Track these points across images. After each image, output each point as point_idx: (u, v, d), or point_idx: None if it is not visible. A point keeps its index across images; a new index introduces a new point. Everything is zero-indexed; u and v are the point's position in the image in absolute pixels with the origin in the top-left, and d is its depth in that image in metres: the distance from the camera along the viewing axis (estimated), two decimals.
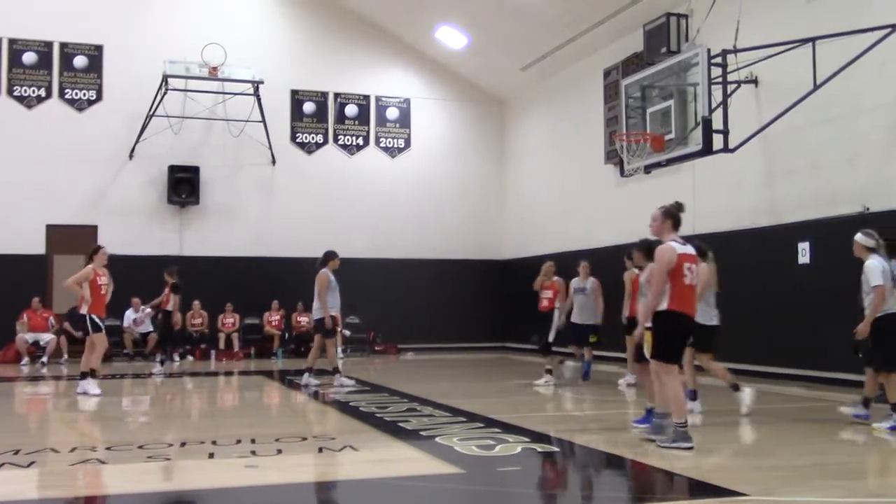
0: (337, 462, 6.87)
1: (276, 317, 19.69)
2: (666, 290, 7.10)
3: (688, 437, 7.03)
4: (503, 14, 18.61)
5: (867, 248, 8.39)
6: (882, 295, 8.11)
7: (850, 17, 11.60)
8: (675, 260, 7.12)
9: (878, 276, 8.10)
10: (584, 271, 13.42)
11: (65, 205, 18.94)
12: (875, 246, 8.38)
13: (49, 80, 19.40)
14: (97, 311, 11.67)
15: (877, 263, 8.20)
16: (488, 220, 22.45)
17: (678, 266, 7.12)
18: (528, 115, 21.87)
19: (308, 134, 21.25)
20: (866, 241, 8.44)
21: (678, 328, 7.22)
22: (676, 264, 7.12)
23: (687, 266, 7.16)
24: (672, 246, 7.20)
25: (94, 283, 11.62)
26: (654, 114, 12.40)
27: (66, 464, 6.69)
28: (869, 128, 11.78)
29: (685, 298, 7.16)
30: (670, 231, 7.37)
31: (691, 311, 7.27)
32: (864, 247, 8.41)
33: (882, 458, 7.02)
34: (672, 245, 7.22)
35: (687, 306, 7.19)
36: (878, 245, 8.40)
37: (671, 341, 7.24)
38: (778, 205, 13.42)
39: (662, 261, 7.13)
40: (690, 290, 7.21)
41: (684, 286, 7.14)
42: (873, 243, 8.40)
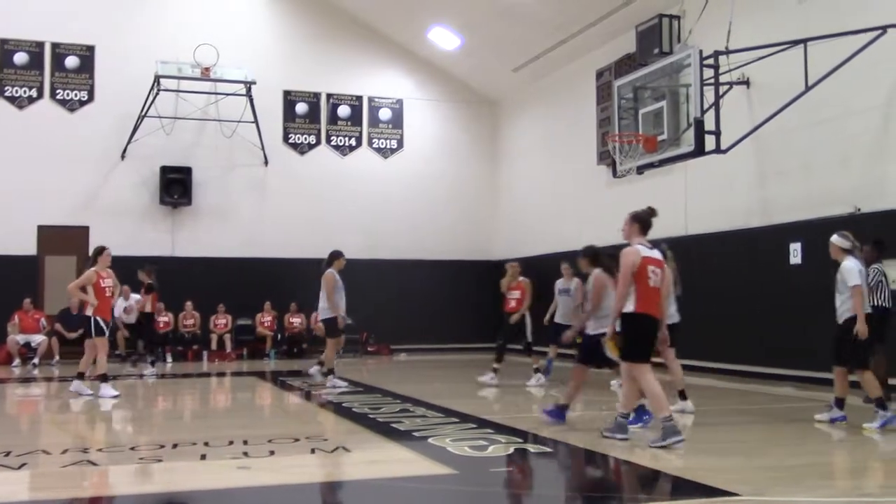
0: (329, 463, 6.86)
1: (268, 318, 19.66)
2: (631, 292, 7.33)
3: (677, 430, 7.16)
4: (496, 15, 18.62)
5: (843, 249, 8.55)
6: (861, 293, 8.27)
7: (842, 19, 11.64)
8: (640, 262, 7.35)
9: (856, 276, 8.27)
10: (567, 272, 13.38)
11: (56, 205, 18.87)
12: (850, 247, 8.54)
13: (40, 80, 19.34)
14: (102, 314, 11.55)
15: (852, 265, 8.36)
16: (481, 221, 22.46)
17: (642, 268, 7.36)
18: (520, 116, 21.89)
19: (300, 135, 21.23)
20: (842, 242, 8.59)
21: (644, 329, 7.44)
22: (640, 267, 7.35)
23: (651, 269, 7.41)
24: (637, 249, 7.44)
25: (98, 285, 11.49)
26: (647, 115, 12.41)
27: (57, 465, 6.66)
28: (860, 129, 11.83)
29: (650, 300, 7.39)
30: (638, 235, 7.63)
31: (656, 312, 7.49)
32: (840, 248, 8.57)
33: (874, 458, 7.05)
34: (637, 248, 7.45)
35: (652, 308, 7.42)
36: (853, 247, 8.55)
37: (638, 342, 7.43)
38: (770, 205, 13.46)
39: (627, 263, 7.36)
40: (655, 292, 7.43)
41: (649, 288, 7.38)
42: (849, 245, 8.56)
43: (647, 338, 7.51)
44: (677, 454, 6.97)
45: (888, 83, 11.39)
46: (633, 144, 12.44)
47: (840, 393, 8.64)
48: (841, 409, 8.59)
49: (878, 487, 5.84)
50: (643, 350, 7.50)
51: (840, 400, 8.64)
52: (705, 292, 14.44)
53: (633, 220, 7.71)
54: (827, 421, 8.60)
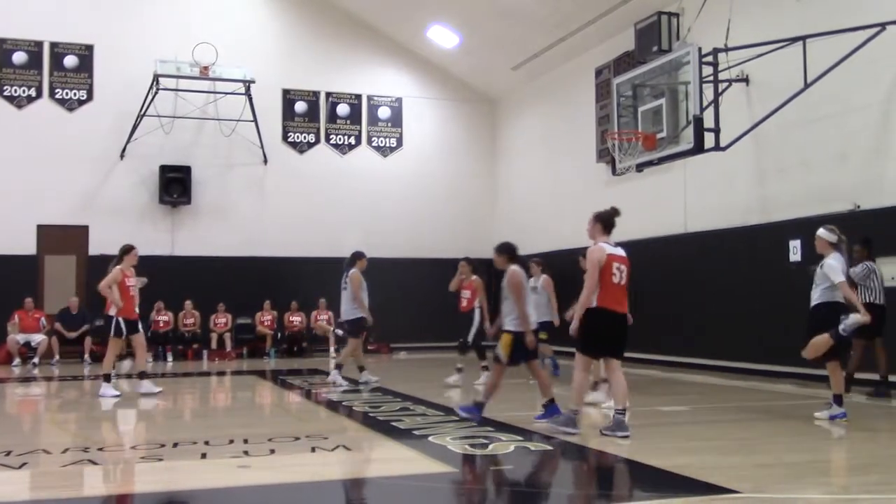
0: (330, 462, 6.86)
1: (268, 317, 19.65)
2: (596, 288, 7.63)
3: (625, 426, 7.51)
4: (495, 13, 18.62)
5: (830, 243, 8.63)
6: (847, 287, 8.39)
7: (841, 16, 11.64)
8: (605, 259, 7.66)
9: (839, 273, 8.37)
10: (536, 269, 13.32)
11: (56, 205, 18.88)
12: (837, 241, 8.62)
13: (39, 79, 19.33)
14: (126, 314, 11.49)
15: (835, 263, 8.45)
16: (480, 219, 22.45)
17: (607, 266, 7.67)
18: (519, 115, 21.88)
19: (300, 133, 21.22)
20: (829, 236, 8.66)
21: (604, 324, 7.72)
22: (606, 264, 7.66)
23: (616, 266, 7.73)
24: (602, 246, 7.77)
25: (123, 284, 11.44)
26: (646, 112, 12.41)
27: (58, 465, 6.66)
28: (859, 126, 11.83)
29: (614, 296, 7.69)
30: (601, 234, 7.93)
31: (620, 307, 7.76)
32: (828, 242, 8.64)
33: (874, 454, 7.05)
34: (602, 246, 7.77)
35: (616, 304, 7.71)
36: (839, 241, 8.63)
37: (594, 337, 7.76)
38: (769, 203, 13.46)
39: (593, 260, 7.68)
40: (618, 288, 7.73)
41: (612, 285, 7.68)
42: (835, 239, 8.64)
43: (605, 333, 7.76)
44: (679, 451, 6.98)
45: (887, 80, 11.39)
46: (633, 142, 12.44)
47: (837, 389, 8.65)
48: (840, 406, 8.59)
49: (878, 484, 5.84)
50: (596, 345, 7.82)
51: (839, 396, 8.65)
52: (705, 290, 14.47)
53: (597, 220, 8.00)
54: (826, 419, 8.61)
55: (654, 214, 15.97)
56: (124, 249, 11.74)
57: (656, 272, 15.81)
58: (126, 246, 11.84)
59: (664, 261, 15.53)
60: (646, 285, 17.00)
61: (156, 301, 18.55)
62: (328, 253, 19.48)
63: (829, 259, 8.53)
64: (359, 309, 12.55)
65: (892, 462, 6.64)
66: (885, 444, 7.51)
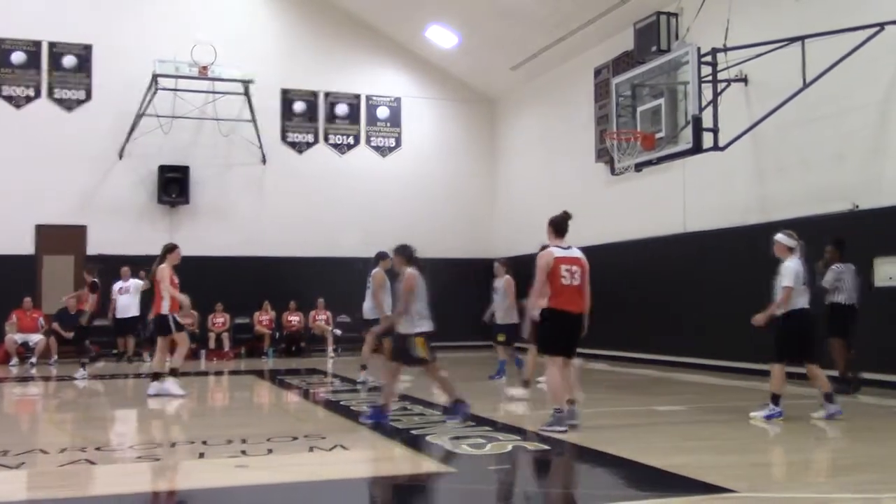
0: (328, 461, 6.85)
1: (266, 316, 19.65)
2: (546, 290, 7.97)
3: (563, 422, 7.75)
4: (493, 13, 18.61)
5: (788, 248, 8.81)
6: (788, 295, 8.61)
7: (839, 16, 11.64)
8: (552, 263, 7.97)
9: (791, 279, 8.59)
10: (500, 270, 13.28)
11: (54, 205, 18.86)
12: (795, 246, 8.80)
13: (38, 79, 19.32)
14: (176, 310, 11.52)
15: (792, 266, 8.65)
16: (479, 219, 22.45)
17: (555, 268, 7.96)
18: (518, 114, 21.88)
19: (299, 133, 21.22)
20: (788, 241, 8.87)
21: (557, 324, 8.01)
22: (553, 266, 7.96)
23: (565, 268, 8.01)
24: (551, 251, 8.10)
25: (172, 281, 11.51)
26: (645, 112, 12.41)
27: (55, 465, 6.65)
28: (858, 126, 11.83)
29: (564, 297, 7.97)
30: (554, 237, 8.27)
31: (571, 307, 8.00)
32: (786, 247, 8.83)
33: (872, 454, 7.05)
34: (552, 250, 8.11)
35: (566, 304, 7.97)
36: (797, 246, 8.81)
37: (550, 337, 8.09)
38: (768, 203, 13.46)
39: (540, 264, 8.05)
40: (568, 289, 7.99)
41: (562, 286, 7.96)
42: (793, 243, 8.82)
43: (560, 332, 8.05)
44: (676, 450, 6.98)
45: (886, 80, 11.40)
46: (632, 142, 12.45)
47: (824, 387, 8.74)
48: (833, 403, 8.66)
49: (873, 483, 5.84)
50: (555, 344, 8.06)
51: (829, 395, 8.71)
52: (703, 289, 14.47)
53: (549, 224, 8.36)
54: (823, 417, 8.63)
55: (653, 214, 15.97)
56: (168, 248, 11.74)
57: (655, 272, 15.83)
58: (170, 245, 11.85)
59: (663, 261, 15.53)
60: (645, 285, 17.08)
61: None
62: (327, 253, 19.50)
63: (787, 261, 8.71)
64: (376, 308, 12.51)
65: (887, 461, 6.64)
66: (881, 443, 7.50)
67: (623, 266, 16.42)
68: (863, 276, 10.98)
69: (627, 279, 16.35)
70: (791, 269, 8.61)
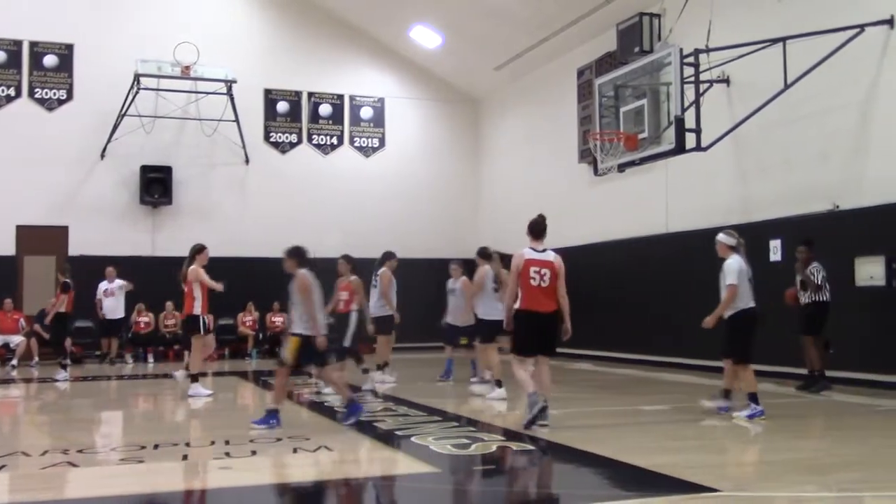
0: (312, 462, 6.83)
1: (249, 317, 19.58)
2: (518, 291, 8.16)
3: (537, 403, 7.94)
4: (477, 14, 18.63)
5: (729, 246, 8.91)
6: (733, 293, 8.68)
7: (820, 17, 11.73)
8: (522, 265, 8.16)
9: (734, 276, 8.68)
10: (455, 272, 13.19)
11: (35, 205, 18.72)
12: (735, 245, 8.90)
13: (18, 79, 19.17)
14: (204, 312, 11.57)
15: (734, 263, 8.73)
16: (462, 219, 22.45)
17: (524, 270, 8.16)
18: (502, 115, 21.91)
19: (282, 133, 21.16)
20: (728, 240, 8.98)
21: (525, 324, 8.21)
22: (523, 269, 8.15)
23: (534, 269, 8.19)
24: (522, 252, 8.29)
25: (203, 282, 11.45)
26: (628, 113, 12.45)
27: (37, 467, 6.60)
28: (839, 126, 11.92)
29: (533, 298, 8.16)
30: (531, 240, 8.44)
31: (538, 307, 8.17)
32: (727, 246, 8.93)
33: (854, 452, 7.10)
34: (523, 251, 8.30)
35: (535, 304, 8.16)
36: (738, 244, 8.91)
37: (519, 337, 8.28)
38: (750, 203, 13.54)
39: (511, 266, 8.29)
40: (538, 290, 8.17)
41: (530, 287, 8.15)
42: (734, 242, 8.93)
43: (529, 332, 8.22)
44: (661, 450, 7.01)
45: (866, 81, 11.49)
46: (615, 143, 12.48)
47: (728, 384, 8.96)
48: (727, 399, 8.89)
49: (858, 482, 5.88)
50: (524, 344, 8.28)
51: (727, 391, 8.95)
52: (686, 289, 14.53)
53: (527, 227, 8.55)
54: (712, 408, 8.90)
55: (636, 215, 16.03)
56: (198, 249, 11.70)
57: (638, 272, 15.88)
58: (199, 245, 11.79)
59: (646, 261, 15.59)
60: (628, 285, 17.13)
61: (136, 302, 18.45)
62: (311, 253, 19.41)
63: (729, 259, 8.80)
64: (387, 306, 12.66)
65: (872, 459, 6.69)
66: (863, 442, 7.56)
67: (606, 266, 16.48)
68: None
69: (611, 279, 16.41)
70: (734, 267, 8.70)
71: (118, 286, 17.43)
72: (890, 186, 11.06)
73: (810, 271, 10.90)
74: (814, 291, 10.87)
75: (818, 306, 10.87)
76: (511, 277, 8.31)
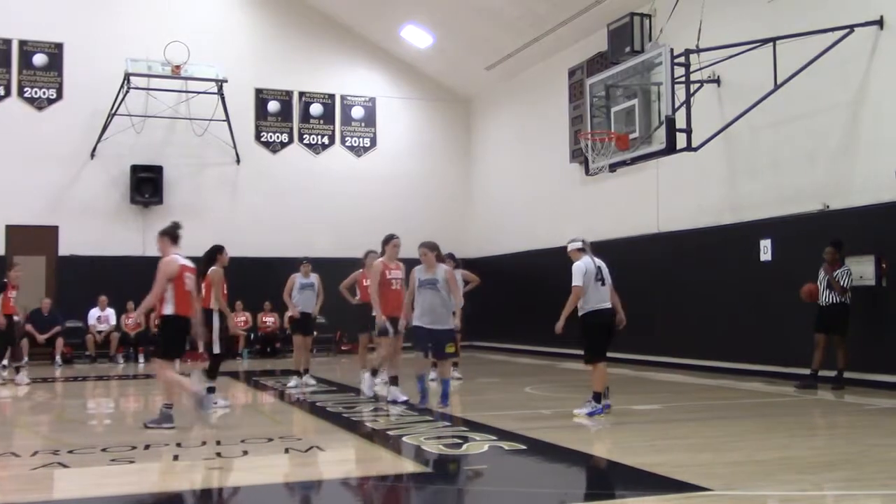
0: (303, 463, 6.83)
1: (241, 317, 19.53)
2: (170, 296, 8.47)
3: (171, 418, 8.37)
4: (468, 13, 18.64)
5: (578, 250, 9.13)
6: (577, 294, 8.86)
7: (810, 18, 11.77)
8: (177, 271, 8.50)
9: (579, 278, 8.85)
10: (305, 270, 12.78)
11: (25, 205, 18.65)
12: (583, 247, 9.14)
13: (8, 78, 19.10)
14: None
15: (581, 266, 8.92)
16: (454, 219, 22.45)
17: (180, 276, 8.52)
18: (493, 114, 21.92)
19: (273, 133, 21.13)
20: (574, 245, 9.20)
21: (178, 329, 8.63)
22: (178, 274, 8.50)
23: (187, 275, 8.61)
24: (174, 258, 8.62)
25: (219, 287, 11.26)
26: (619, 113, 12.48)
27: (27, 468, 6.58)
28: (829, 127, 11.96)
29: (185, 303, 8.59)
30: (171, 246, 8.77)
31: (190, 312, 8.70)
32: (576, 250, 9.15)
33: (845, 451, 7.13)
34: (174, 258, 8.62)
35: (188, 310, 8.65)
36: (584, 246, 9.15)
37: (173, 340, 8.68)
38: (740, 203, 13.58)
39: (164, 272, 8.52)
40: (189, 295, 8.62)
41: (185, 292, 8.58)
42: (580, 244, 9.15)
43: (181, 336, 8.76)
44: (651, 449, 7.03)
45: (856, 81, 11.53)
46: (606, 142, 12.50)
47: (598, 388, 9.01)
48: (598, 402, 8.93)
49: (847, 481, 5.91)
50: (176, 347, 8.80)
51: (598, 395, 8.98)
52: (677, 289, 14.57)
53: (163, 235, 8.87)
54: (585, 414, 8.84)
55: (627, 214, 16.06)
56: (218, 249, 11.38)
57: (629, 272, 15.88)
58: (218, 246, 11.53)
59: (637, 261, 15.60)
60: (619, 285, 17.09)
61: (126, 302, 18.40)
62: (301, 253, 19.31)
63: (576, 262, 8.97)
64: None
65: (861, 459, 6.72)
66: (855, 441, 7.59)
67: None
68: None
69: None
70: (580, 269, 8.87)
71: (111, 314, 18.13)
72: (879, 186, 11.11)
73: (839, 274, 10.95)
74: (839, 294, 10.93)
75: (842, 308, 10.95)
76: (160, 283, 8.51)
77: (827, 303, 11.06)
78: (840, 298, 10.96)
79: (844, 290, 10.92)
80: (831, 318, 11.01)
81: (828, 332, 11.02)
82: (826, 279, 11.05)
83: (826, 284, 11.06)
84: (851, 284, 10.96)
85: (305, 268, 12.94)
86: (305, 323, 12.82)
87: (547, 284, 18.21)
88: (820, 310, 11.13)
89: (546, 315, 18.98)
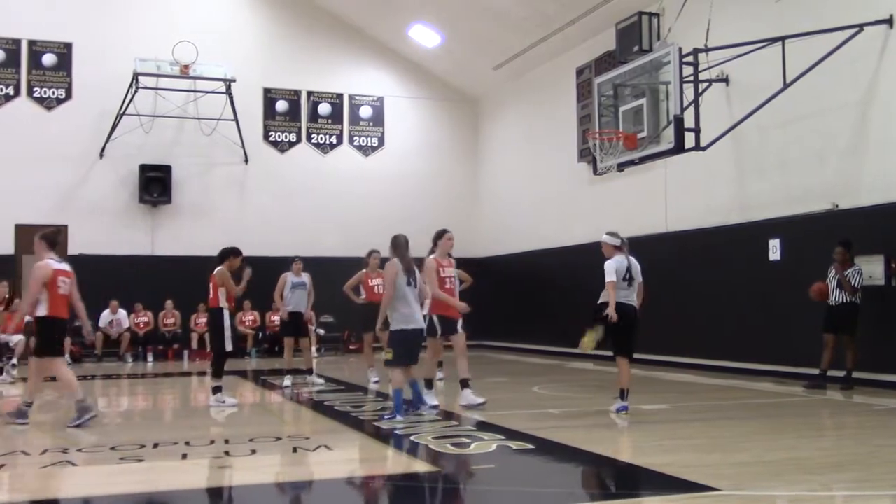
0: (311, 462, 6.84)
1: (249, 317, 19.58)
2: (44, 299, 8.62)
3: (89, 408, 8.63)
4: (476, 13, 18.63)
5: (614, 246, 9.24)
6: (612, 287, 9.00)
7: (819, 17, 11.74)
8: (51, 275, 8.67)
9: (612, 273, 9.02)
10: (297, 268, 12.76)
11: (34, 204, 18.71)
12: (620, 244, 9.25)
13: (17, 78, 19.17)
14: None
15: (612, 264, 9.09)
16: (462, 219, 22.38)
17: (53, 279, 8.68)
18: (501, 114, 21.91)
19: (281, 132, 21.16)
20: (612, 240, 9.31)
21: (54, 330, 8.83)
22: (52, 278, 8.67)
23: (61, 279, 8.77)
24: (48, 263, 8.77)
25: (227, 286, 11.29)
26: (627, 112, 12.45)
27: (37, 466, 6.61)
28: (837, 126, 11.92)
29: (60, 305, 8.75)
30: (47, 251, 8.94)
31: (64, 314, 8.89)
32: (612, 246, 9.26)
33: (853, 452, 7.11)
34: (48, 262, 8.78)
35: (61, 311, 8.82)
36: (622, 244, 9.27)
37: (49, 341, 8.79)
38: (749, 202, 13.55)
39: (39, 276, 8.68)
40: (64, 298, 8.81)
41: (59, 295, 8.73)
42: (618, 242, 9.27)
43: (58, 336, 8.98)
44: (660, 449, 7.02)
45: (865, 80, 11.49)
46: (614, 142, 12.48)
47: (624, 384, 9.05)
48: (625, 399, 8.97)
49: (856, 481, 5.89)
50: (53, 347, 8.87)
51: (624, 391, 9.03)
52: (685, 289, 14.55)
53: (42, 239, 9.04)
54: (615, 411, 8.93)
55: (635, 214, 16.03)
56: (231, 251, 11.43)
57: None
58: (233, 249, 11.55)
59: (645, 260, 15.53)
60: None
61: (135, 301, 18.47)
62: (309, 252, 19.36)
63: (609, 260, 9.12)
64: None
65: (869, 459, 6.70)
66: (863, 442, 7.57)
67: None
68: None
69: None
70: (611, 266, 9.04)
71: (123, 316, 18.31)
72: (889, 186, 11.08)
73: (851, 274, 10.92)
74: (850, 294, 10.90)
75: (852, 307, 10.93)
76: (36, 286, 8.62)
77: (837, 302, 11.03)
78: (850, 298, 10.93)
79: (855, 289, 10.89)
80: (841, 318, 10.98)
81: (837, 332, 10.99)
82: (836, 279, 11.02)
83: (836, 284, 11.03)
84: (862, 284, 10.93)
85: (297, 266, 12.82)
86: (297, 324, 12.69)
87: (555, 284, 18.25)
88: (829, 309, 11.10)
89: (554, 315, 19.04)
